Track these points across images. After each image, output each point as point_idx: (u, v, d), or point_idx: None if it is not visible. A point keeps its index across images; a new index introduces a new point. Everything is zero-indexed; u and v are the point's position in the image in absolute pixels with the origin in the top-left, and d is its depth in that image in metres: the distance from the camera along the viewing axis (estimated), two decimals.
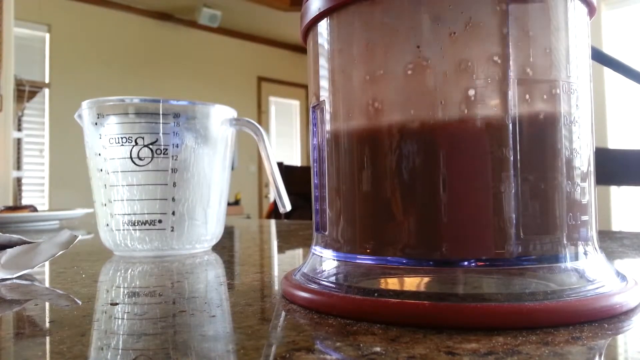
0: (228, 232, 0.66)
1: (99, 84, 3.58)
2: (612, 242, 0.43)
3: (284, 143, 4.95)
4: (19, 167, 3.03)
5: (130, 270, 0.33)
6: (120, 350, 0.16)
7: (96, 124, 0.40)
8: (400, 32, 0.20)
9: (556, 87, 0.20)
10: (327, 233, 0.23)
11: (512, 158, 0.19)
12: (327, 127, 0.23)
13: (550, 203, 0.19)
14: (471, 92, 0.19)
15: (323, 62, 0.23)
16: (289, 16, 4.02)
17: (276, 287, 0.27)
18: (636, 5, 2.95)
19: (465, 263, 0.19)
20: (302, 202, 1.21)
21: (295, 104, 5.06)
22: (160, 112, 0.39)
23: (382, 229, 0.20)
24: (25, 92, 2.86)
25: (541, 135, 0.19)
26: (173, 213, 0.39)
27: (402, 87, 0.20)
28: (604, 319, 0.18)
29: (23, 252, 0.33)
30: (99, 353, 0.16)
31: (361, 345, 0.16)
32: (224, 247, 0.47)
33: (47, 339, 0.18)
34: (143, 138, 0.39)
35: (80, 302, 0.24)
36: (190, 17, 4.09)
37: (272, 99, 4.85)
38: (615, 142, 2.97)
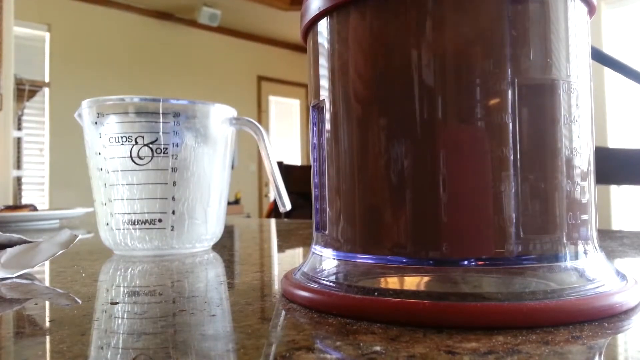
0: (228, 231, 0.66)
1: (99, 84, 3.58)
2: (612, 242, 0.43)
3: (284, 142, 4.94)
4: (19, 166, 3.03)
5: (130, 270, 0.33)
6: (120, 350, 0.16)
7: (96, 123, 0.40)
8: (399, 31, 0.20)
9: (556, 87, 0.20)
10: (327, 232, 0.23)
11: (512, 158, 0.19)
12: (327, 126, 0.23)
13: (550, 202, 0.19)
14: (471, 92, 0.19)
15: (323, 61, 0.23)
16: (289, 16, 4.02)
17: (276, 287, 0.27)
18: (636, 4, 2.95)
19: (465, 262, 0.19)
20: (302, 201, 1.21)
21: (295, 104, 5.06)
22: (160, 111, 0.39)
23: (382, 228, 0.20)
24: (25, 91, 2.86)
25: (541, 135, 0.19)
26: (173, 212, 0.39)
27: (401, 86, 0.20)
28: (603, 318, 0.18)
29: (23, 252, 0.33)
30: (99, 352, 0.16)
31: (361, 344, 0.16)
32: (224, 246, 0.47)
33: (47, 338, 0.18)
34: (143, 137, 0.39)
35: (80, 301, 0.24)
36: (190, 16, 4.09)
37: (272, 98, 4.85)
38: (615, 141, 2.96)
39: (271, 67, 4.79)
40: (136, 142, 0.39)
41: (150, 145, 0.39)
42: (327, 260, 0.23)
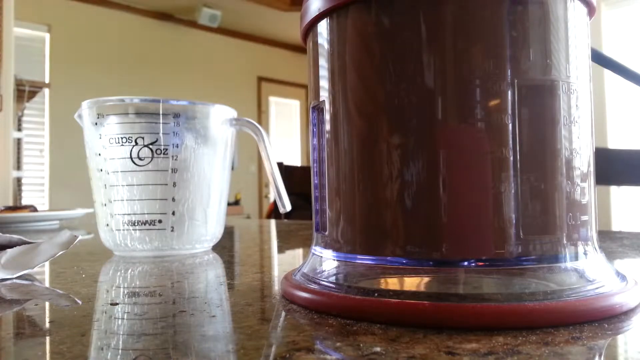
0: (228, 232, 0.66)
1: (99, 84, 3.58)
2: (612, 242, 0.43)
3: (284, 143, 4.94)
4: (19, 167, 3.03)
5: (130, 270, 0.33)
6: (120, 350, 0.16)
7: (96, 124, 0.40)
8: (399, 31, 0.20)
9: (556, 87, 0.20)
10: (327, 233, 0.23)
11: (512, 158, 0.19)
12: (327, 127, 0.23)
13: (550, 203, 0.19)
14: (471, 92, 0.19)
15: (323, 62, 0.23)
16: (289, 16, 4.03)
17: (276, 287, 0.27)
18: (636, 5, 2.95)
19: (465, 263, 0.19)
20: (302, 202, 1.21)
21: (295, 104, 5.06)
22: (160, 112, 0.39)
23: (382, 229, 0.20)
24: (25, 92, 2.86)
25: (541, 135, 0.19)
26: (173, 213, 0.39)
27: (401, 87, 0.20)
28: (603, 319, 0.18)
29: (23, 252, 0.33)
30: (99, 353, 0.16)
31: (361, 345, 0.16)
32: (224, 247, 0.47)
33: (47, 339, 0.18)
34: (143, 138, 0.39)
35: (80, 302, 0.24)
36: (190, 17, 4.09)
37: (272, 99, 4.85)
38: (615, 142, 2.96)
39: (271, 67, 4.79)
40: (136, 143, 0.39)
41: (150, 146, 0.39)
42: (327, 261, 0.23)
